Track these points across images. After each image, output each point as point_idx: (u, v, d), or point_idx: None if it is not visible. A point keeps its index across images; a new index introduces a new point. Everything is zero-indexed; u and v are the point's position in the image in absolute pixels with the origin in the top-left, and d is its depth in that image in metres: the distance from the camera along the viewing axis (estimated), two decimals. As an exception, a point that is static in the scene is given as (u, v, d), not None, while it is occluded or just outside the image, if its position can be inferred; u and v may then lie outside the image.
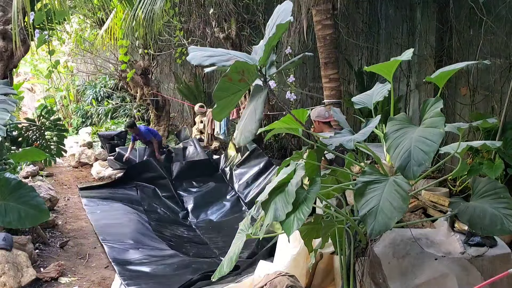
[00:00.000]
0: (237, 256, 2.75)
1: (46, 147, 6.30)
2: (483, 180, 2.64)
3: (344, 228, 2.85)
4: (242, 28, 8.16)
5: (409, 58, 2.65)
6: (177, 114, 11.93)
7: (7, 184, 4.04)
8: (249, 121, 2.46)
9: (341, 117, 3.13)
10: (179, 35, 8.78)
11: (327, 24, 4.98)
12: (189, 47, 2.58)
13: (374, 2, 6.39)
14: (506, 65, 4.78)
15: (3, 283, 3.96)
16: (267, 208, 2.50)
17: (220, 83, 2.39)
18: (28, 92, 14.85)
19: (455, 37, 5.27)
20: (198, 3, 8.38)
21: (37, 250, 4.93)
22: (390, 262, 2.88)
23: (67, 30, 11.28)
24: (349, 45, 6.85)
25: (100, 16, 9.78)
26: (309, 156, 2.76)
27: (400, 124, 2.39)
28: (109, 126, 10.94)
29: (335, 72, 5.06)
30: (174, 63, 11.20)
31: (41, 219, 4.12)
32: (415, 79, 5.89)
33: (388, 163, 2.70)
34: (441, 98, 2.38)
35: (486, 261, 2.82)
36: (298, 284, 3.09)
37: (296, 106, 7.76)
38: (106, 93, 12.65)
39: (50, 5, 5.79)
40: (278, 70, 2.65)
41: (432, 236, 3.05)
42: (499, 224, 2.37)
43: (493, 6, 4.77)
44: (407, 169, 2.15)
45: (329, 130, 3.98)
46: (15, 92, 4.46)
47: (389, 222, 2.21)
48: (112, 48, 10.59)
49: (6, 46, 5.96)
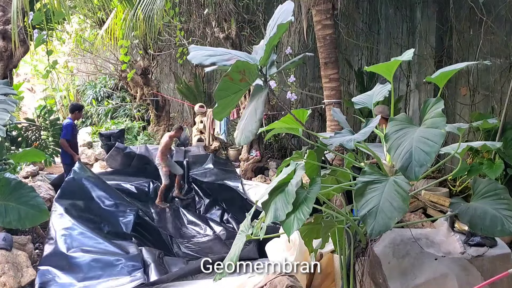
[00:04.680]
0: (237, 257, 2.75)
1: (45, 147, 6.31)
2: (484, 181, 2.64)
3: (344, 228, 2.85)
4: (242, 28, 8.17)
5: (409, 58, 2.64)
6: (177, 114, 11.94)
7: (7, 184, 4.05)
8: (249, 121, 2.45)
9: (341, 117, 3.13)
10: (179, 35, 8.79)
11: (327, 24, 4.98)
12: (190, 47, 2.58)
13: (374, 2, 6.40)
14: (506, 65, 4.78)
15: (3, 283, 3.95)
16: (267, 208, 2.50)
17: (221, 83, 2.39)
18: (28, 92, 14.85)
19: (455, 37, 5.28)
20: (198, 3, 8.39)
21: (37, 250, 4.92)
22: (390, 262, 2.88)
23: (67, 30, 11.28)
24: (349, 45, 6.86)
25: (100, 16, 9.78)
26: (309, 156, 2.76)
27: (400, 124, 2.38)
28: (109, 126, 10.93)
29: (335, 72, 5.06)
30: (174, 63, 11.21)
31: (41, 219, 4.13)
32: (415, 79, 5.89)
33: (388, 163, 2.70)
34: (441, 99, 2.38)
35: (486, 261, 2.83)
36: (298, 284, 3.09)
37: (296, 106, 7.77)
38: (106, 93, 12.65)
39: (49, 5, 5.79)
40: (279, 70, 2.65)
41: (432, 236, 3.05)
42: (499, 225, 2.37)
43: (493, 6, 4.77)
44: (408, 170, 2.14)
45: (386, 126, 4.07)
46: (15, 92, 4.45)
47: (389, 222, 2.21)
48: (112, 48, 10.59)
49: (6, 46, 5.96)
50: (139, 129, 10.70)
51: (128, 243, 4.80)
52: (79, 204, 5.23)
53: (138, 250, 4.63)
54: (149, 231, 5.63)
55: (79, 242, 4.59)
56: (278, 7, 2.58)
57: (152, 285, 3.99)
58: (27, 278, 4.18)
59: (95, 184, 5.60)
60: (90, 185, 5.52)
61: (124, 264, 4.35)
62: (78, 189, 5.41)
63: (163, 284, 3.99)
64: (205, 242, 5.97)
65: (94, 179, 5.73)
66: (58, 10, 5.80)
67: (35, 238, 5.14)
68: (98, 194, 5.50)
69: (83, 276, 4.18)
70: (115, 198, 5.55)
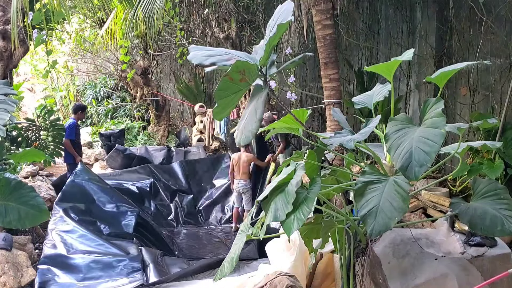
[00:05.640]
0: (237, 257, 2.75)
1: (45, 147, 6.31)
2: (484, 181, 2.64)
3: (344, 228, 2.85)
4: (242, 28, 8.17)
5: (409, 58, 2.64)
6: (177, 114, 11.94)
7: (7, 184, 4.05)
8: (249, 121, 2.46)
9: (341, 117, 3.13)
10: (179, 35, 8.79)
11: (327, 24, 4.98)
12: (190, 47, 2.58)
13: (374, 2, 6.40)
14: (506, 65, 4.77)
15: (3, 283, 3.95)
16: (267, 208, 2.50)
17: (221, 83, 2.39)
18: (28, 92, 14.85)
19: (455, 37, 5.27)
20: (198, 3, 8.39)
21: (37, 250, 4.92)
22: (390, 262, 2.88)
23: (67, 30, 11.28)
24: (349, 45, 6.85)
25: (100, 16, 9.78)
26: (309, 156, 2.76)
27: (400, 124, 2.38)
28: (109, 126, 10.93)
29: (335, 72, 5.06)
30: (174, 63, 11.21)
31: (41, 219, 4.13)
32: (415, 79, 5.89)
33: (388, 163, 2.70)
34: (441, 99, 2.37)
35: (486, 261, 2.83)
36: (298, 284, 3.09)
37: (296, 106, 7.76)
38: (106, 93, 12.65)
39: (49, 5, 5.79)
40: (279, 70, 2.65)
41: (432, 236, 3.05)
42: (499, 225, 2.37)
43: (493, 6, 4.77)
44: (408, 170, 2.14)
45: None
46: (15, 92, 4.45)
47: (389, 222, 2.21)
48: (112, 48, 10.59)
49: (6, 46, 5.96)
50: (139, 129, 10.69)
51: (128, 244, 4.80)
52: (79, 206, 5.22)
53: (138, 250, 4.63)
54: (149, 231, 5.63)
55: (79, 245, 4.59)
56: (278, 7, 2.59)
57: (151, 285, 3.99)
58: (27, 278, 4.18)
59: (96, 186, 5.59)
60: (91, 188, 5.52)
61: (123, 265, 4.36)
62: (79, 192, 5.41)
63: (163, 284, 3.99)
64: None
65: (95, 181, 5.73)
66: (58, 10, 5.80)
67: (35, 238, 5.14)
68: (99, 196, 5.49)
69: (83, 277, 4.19)
70: (116, 200, 5.55)
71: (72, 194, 5.32)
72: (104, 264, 4.36)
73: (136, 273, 4.24)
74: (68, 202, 5.16)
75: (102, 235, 4.90)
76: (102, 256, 4.47)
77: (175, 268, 4.44)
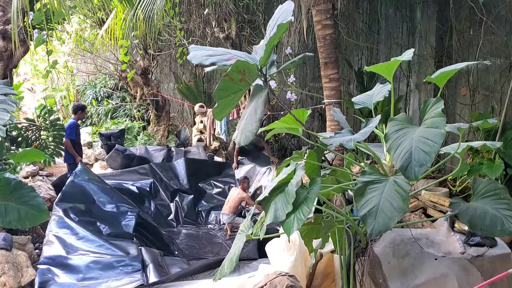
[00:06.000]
0: (237, 257, 2.75)
1: (45, 147, 6.31)
2: (484, 181, 2.64)
3: (344, 228, 2.85)
4: (242, 28, 8.18)
5: (409, 58, 2.64)
6: (177, 114, 11.94)
7: (7, 184, 4.05)
8: (249, 121, 2.46)
9: (341, 117, 3.13)
10: (179, 35, 8.79)
11: (327, 24, 4.98)
12: (190, 47, 2.58)
13: (374, 2, 6.40)
14: (506, 65, 4.78)
15: (3, 283, 3.95)
16: (267, 208, 2.49)
17: (221, 83, 2.39)
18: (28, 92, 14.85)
19: (455, 37, 5.27)
20: (198, 3, 8.39)
21: (37, 250, 4.92)
22: (390, 262, 2.88)
23: (67, 30, 11.28)
24: (349, 45, 6.86)
25: (100, 16, 9.78)
26: (309, 156, 2.76)
27: (400, 124, 2.38)
28: (109, 126, 10.93)
29: (335, 72, 5.06)
30: (174, 63, 11.21)
31: (41, 219, 4.12)
32: (415, 79, 5.89)
33: (388, 163, 2.70)
34: (441, 99, 2.37)
35: (486, 261, 2.83)
36: (298, 284, 3.09)
37: (296, 106, 7.77)
38: (106, 93, 12.65)
39: (49, 5, 5.80)
40: (279, 70, 2.65)
41: (432, 236, 3.05)
42: (499, 225, 2.37)
43: (493, 6, 4.77)
44: (408, 170, 2.14)
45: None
46: (15, 92, 4.45)
47: (389, 222, 2.21)
48: (112, 48, 10.59)
49: (6, 46, 5.96)
50: (139, 129, 10.69)
51: (128, 244, 4.80)
52: (79, 207, 5.21)
53: (138, 250, 4.63)
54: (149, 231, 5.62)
55: (79, 245, 4.58)
56: (278, 7, 2.59)
57: (151, 285, 3.99)
58: (27, 278, 4.18)
59: (96, 186, 5.58)
60: (91, 188, 5.50)
61: (123, 265, 4.36)
62: (79, 192, 5.40)
63: (163, 285, 3.99)
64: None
65: (95, 181, 5.72)
66: (58, 10, 5.80)
67: (35, 238, 5.14)
68: (99, 196, 5.48)
69: (83, 277, 4.19)
70: (116, 201, 5.54)
71: (72, 194, 5.31)
72: (104, 264, 4.35)
73: (136, 273, 4.24)
74: (68, 203, 5.15)
75: (102, 235, 4.90)
76: (102, 256, 4.47)
77: (175, 268, 4.44)
